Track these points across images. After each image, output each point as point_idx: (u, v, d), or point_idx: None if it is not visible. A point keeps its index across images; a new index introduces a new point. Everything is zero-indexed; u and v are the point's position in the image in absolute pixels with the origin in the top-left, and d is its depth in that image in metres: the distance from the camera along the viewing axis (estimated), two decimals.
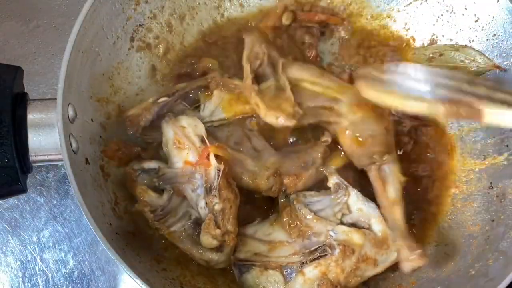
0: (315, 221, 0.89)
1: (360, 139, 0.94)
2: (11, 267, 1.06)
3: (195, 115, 0.96)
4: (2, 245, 1.06)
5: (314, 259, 0.88)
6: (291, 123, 0.95)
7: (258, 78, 1.00)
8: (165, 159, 0.94)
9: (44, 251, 1.07)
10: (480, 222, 0.97)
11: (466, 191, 1.01)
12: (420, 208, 1.01)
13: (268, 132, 0.99)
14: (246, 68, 0.99)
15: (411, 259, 0.89)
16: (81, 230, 1.08)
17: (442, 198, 1.02)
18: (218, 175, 0.88)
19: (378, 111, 0.95)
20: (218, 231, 0.87)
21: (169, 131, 0.92)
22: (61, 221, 1.08)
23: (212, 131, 0.96)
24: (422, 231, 1.00)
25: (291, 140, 1.01)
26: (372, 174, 0.95)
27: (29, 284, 1.05)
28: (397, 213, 0.92)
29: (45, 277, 1.05)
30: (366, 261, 0.89)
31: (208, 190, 0.88)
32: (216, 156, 0.89)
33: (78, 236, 1.08)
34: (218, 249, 0.89)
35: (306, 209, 0.90)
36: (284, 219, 0.91)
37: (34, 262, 1.06)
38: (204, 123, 0.94)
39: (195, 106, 0.99)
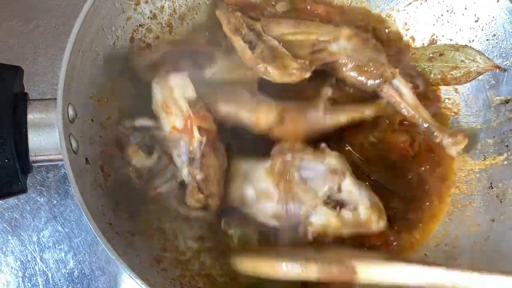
0: (302, 187, 0.89)
1: (362, 66, 1.00)
2: (11, 267, 1.06)
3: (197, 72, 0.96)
4: (2, 245, 1.06)
5: None
6: (306, 74, 0.96)
7: None
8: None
9: (44, 251, 1.07)
10: (480, 222, 0.97)
11: (466, 191, 1.01)
12: (420, 208, 1.01)
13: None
14: (238, 40, 0.99)
15: (455, 143, 0.99)
16: (81, 230, 1.08)
17: (442, 198, 1.02)
18: (201, 149, 0.88)
19: (361, 37, 1.02)
20: (201, 196, 0.88)
21: (158, 93, 0.92)
22: (61, 221, 1.08)
23: (213, 86, 0.96)
24: (422, 231, 1.00)
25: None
26: (386, 92, 1.01)
27: (29, 284, 1.05)
28: (424, 112, 1.01)
29: (45, 277, 1.05)
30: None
31: (191, 160, 0.89)
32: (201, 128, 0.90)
33: (78, 236, 1.08)
34: (204, 208, 0.91)
35: (298, 173, 0.90)
36: (276, 169, 0.91)
37: (34, 262, 1.06)
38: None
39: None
